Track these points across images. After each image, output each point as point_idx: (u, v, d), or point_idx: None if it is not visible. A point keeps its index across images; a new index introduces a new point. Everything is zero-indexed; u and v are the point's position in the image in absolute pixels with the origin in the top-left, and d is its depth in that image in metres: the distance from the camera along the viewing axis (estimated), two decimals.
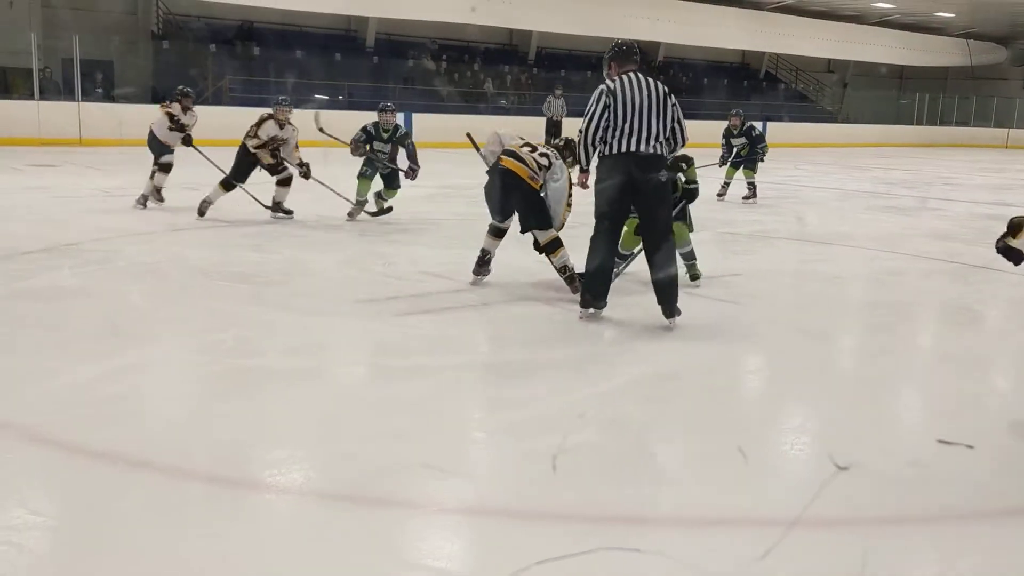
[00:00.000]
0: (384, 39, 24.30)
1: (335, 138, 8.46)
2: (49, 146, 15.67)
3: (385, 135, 8.36)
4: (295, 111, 8.53)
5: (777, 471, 3.23)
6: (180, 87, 9.58)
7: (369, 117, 8.58)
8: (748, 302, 5.54)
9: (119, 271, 6.02)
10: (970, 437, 3.42)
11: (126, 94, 19.75)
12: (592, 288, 4.97)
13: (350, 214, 8.53)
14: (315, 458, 3.18)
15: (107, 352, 4.22)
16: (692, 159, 5.80)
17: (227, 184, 8.35)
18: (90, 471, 2.95)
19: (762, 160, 11.77)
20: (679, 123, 4.88)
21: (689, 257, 5.88)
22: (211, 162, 9.02)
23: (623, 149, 4.74)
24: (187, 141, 9.16)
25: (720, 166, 11.73)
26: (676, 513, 2.88)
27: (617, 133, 4.76)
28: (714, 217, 9.50)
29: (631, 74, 4.85)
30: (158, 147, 9.15)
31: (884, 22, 32.08)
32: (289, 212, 8.53)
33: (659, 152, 4.78)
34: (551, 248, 5.51)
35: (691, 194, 5.71)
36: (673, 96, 4.89)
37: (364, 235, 7.78)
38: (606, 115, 4.76)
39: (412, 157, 8.39)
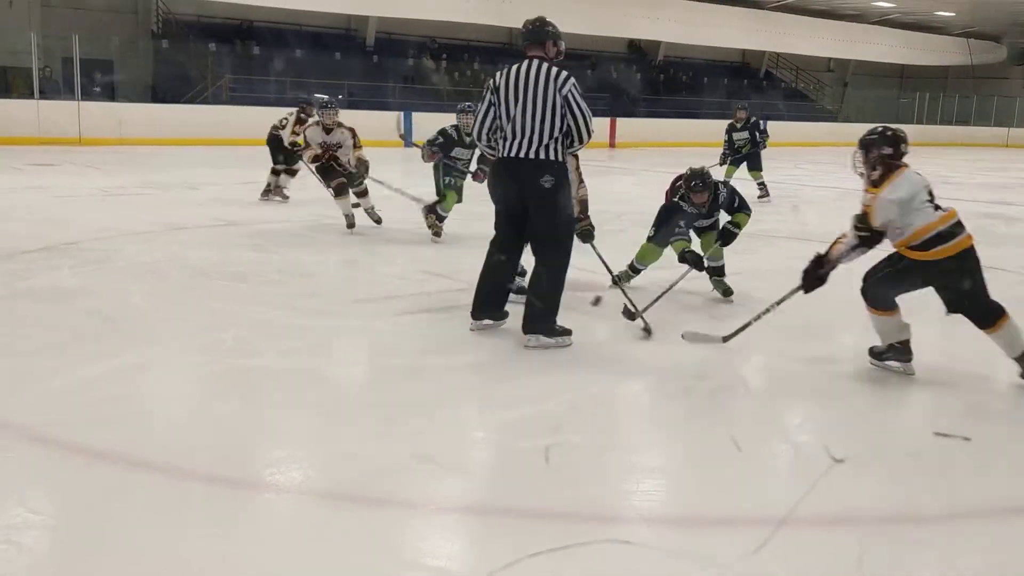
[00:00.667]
0: (384, 38, 24.31)
1: (417, 145, 7.69)
2: (49, 145, 15.68)
3: (468, 139, 7.29)
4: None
5: (774, 467, 3.24)
6: (306, 96, 9.82)
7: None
8: (747, 301, 5.53)
9: (119, 271, 6.02)
10: (970, 433, 3.43)
11: (126, 93, 19.76)
12: (477, 299, 4.66)
13: (435, 233, 7.49)
14: (315, 458, 3.18)
15: (107, 352, 4.22)
16: (750, 213, 5.73)
17: (336, 191, 7.82)
18: (90, 471, 2.95)
19: (763, 147, 11.66)
20: (576, 118, 4.32)
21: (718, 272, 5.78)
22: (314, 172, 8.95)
23: (505, 153, 4.39)
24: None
25: (720, 165, 11.59)
26: (671, 508, 2.89)
27: (501, 135, 4.41)
28: None
29: (526, 63, 4.36)
30: (282, 149, 9.35)
31: (884, 21, 32.09)
32: (377, 220, 8.06)
33: (544, 156, 4.32)
34: None
35: (727, 236, 5.68)
36: (571, 86, 4.31)
37: (364, 235, 7.77)
38: (491, 113, 4.43)
39: (482, 159, 7.22)
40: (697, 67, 30.02)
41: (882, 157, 3.98)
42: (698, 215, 5.62)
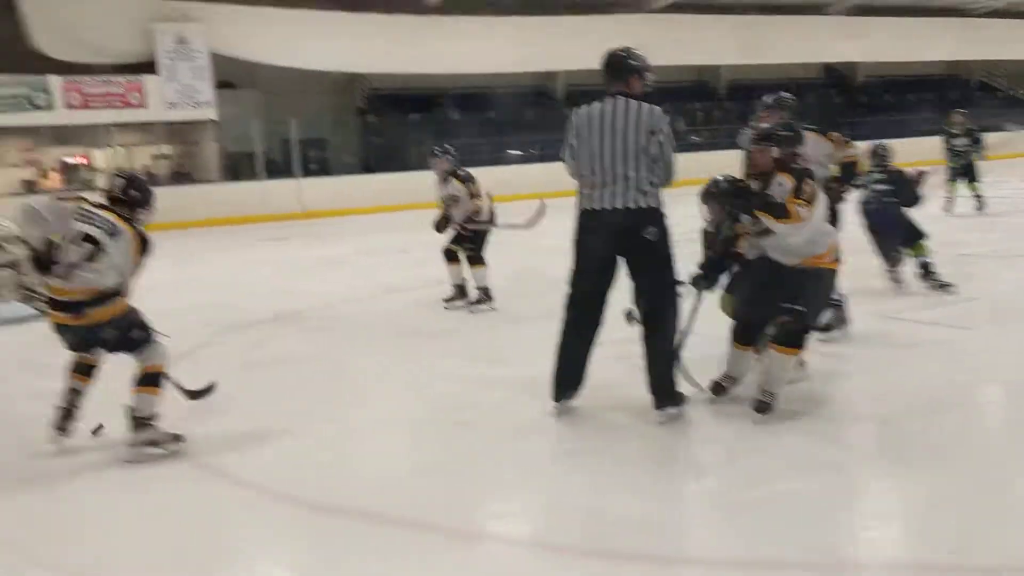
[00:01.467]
0: (574, 90, 24.72)
1: None
2: (275, 221, 16.92)
3: None
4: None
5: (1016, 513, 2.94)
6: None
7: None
8: (984, 328, 5.10)
9: (341, 334, 6.35)
10: None
11: (340, 167, 21.16)
12: (559, 376, 4.11)
13: None
14: (542, 510, 3.20)
15: (335, 412, 4.44)
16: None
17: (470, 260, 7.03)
18: (329, 526, 3.11)
19: (982, 157, 11.02)
20: (667, 160, 3.85)
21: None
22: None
23: (594, 205, 3.86)
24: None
25: (952, 181, 11.05)
26: (914, 555, 2.65)
27: (585, 184, 3.90)
28: (940, 235, 8.87)
29: (612, 102, 3.88)
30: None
31: None
32: (476, 299, 6.94)
33: (645, 205, 3.81)
34: None
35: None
36: (666, 126, 3.84)
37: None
38: (570, 153, 3.98)
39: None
40: (900, 84, 28.53)
41: (793, 155, 4.01)
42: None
